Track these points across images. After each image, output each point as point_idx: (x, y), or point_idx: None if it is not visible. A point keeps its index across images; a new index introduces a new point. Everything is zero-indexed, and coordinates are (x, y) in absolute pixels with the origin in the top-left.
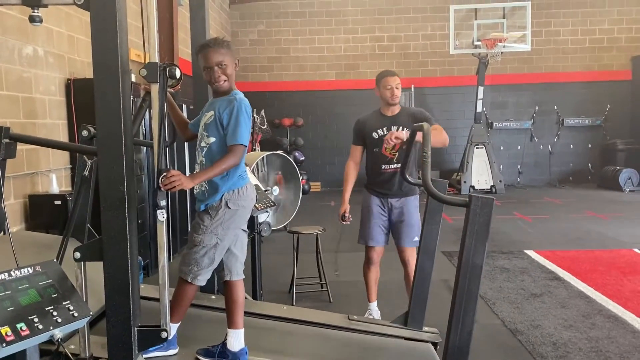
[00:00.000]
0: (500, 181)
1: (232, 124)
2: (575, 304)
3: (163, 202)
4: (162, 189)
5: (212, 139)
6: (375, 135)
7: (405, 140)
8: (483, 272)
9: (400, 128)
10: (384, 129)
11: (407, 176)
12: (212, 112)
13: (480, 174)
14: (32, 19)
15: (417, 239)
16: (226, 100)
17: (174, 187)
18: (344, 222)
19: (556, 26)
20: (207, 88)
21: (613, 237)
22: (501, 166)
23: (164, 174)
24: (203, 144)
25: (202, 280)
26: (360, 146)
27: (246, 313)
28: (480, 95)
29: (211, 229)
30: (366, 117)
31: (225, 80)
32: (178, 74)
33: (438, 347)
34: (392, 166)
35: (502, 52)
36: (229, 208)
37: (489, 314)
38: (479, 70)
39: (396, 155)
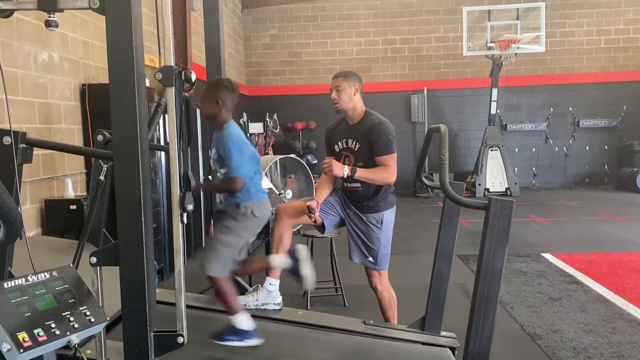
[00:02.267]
0: (515, 184)
1: (228, 158)
2: (595, 308)
3: (190, 207)
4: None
5: (224, 170)
6: (336, 148)
7: (342, 176)
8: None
9: (355, 142)
10: (343, 141)
11: (424, 179)
12: (214, 150)
13: (494, 177)
14: (48, 24)
15: (372, 259)
16: (219, 137)
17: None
18: (311, 218)
19: (571, 27)
20: None
21: (632, 239)
22: (516, 168)
23: None
24: (219, 175)
25: (219, 272)
26: (334, 157)
27: (261, 317)
28: (494, 97)
29: (236, 231)
30: (333, 126)
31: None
32: (193, 77)
33: (456, 352)
34: (351, 184)
35: (515, 54)
36: (255, 216)
37: (506, 318)
38: (493, 72)
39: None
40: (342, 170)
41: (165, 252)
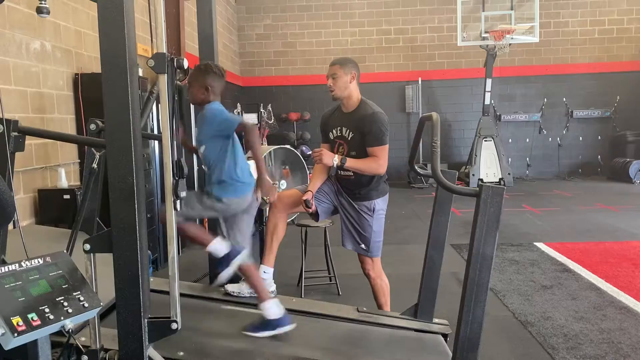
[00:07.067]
0: (508, 174)
1: (222, 123)
2: (586, 295)
3: (184, 194)
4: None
5: (203, 147)
6: (331, 135)
7: (332, 165)
8: (493, 263)
9: (348, 131)
10: (338, 129)
11: (416, 167)
12: (198, 129)
13: (488, 167)
14: (39, 10)
15: (364, 246)
16: (203, 116)
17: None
18: (309, 210)
19: (565, 17)
20: None
21: (624, 228)
22: (509, 159)
23: None
24: (201, 150)
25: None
26: (329, 144)
27: (255, 305)
28: (488, 88)
29: (207, 207)
30: (329, 113)
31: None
32: (186, 65)
33: (448, 339)
34: (344, 172)
35: (510, 44)
36: (231, 207)
37: (499, 305)
38: (487, 62)
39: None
40: (332, 159)
41: (159, 242)
